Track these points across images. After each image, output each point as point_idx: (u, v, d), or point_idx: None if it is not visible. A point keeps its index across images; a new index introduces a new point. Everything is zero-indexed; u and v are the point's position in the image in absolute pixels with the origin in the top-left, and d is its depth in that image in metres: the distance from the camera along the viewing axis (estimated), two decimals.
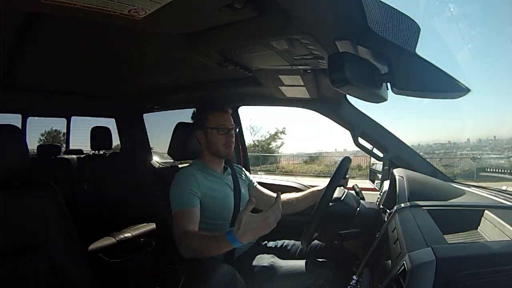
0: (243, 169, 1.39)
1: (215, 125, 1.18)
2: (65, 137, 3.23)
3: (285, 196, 1.31)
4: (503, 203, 0.85)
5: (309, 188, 1.41)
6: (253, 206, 0.84)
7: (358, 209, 1.01)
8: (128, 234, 1.87)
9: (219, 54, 1.09)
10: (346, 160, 1.05)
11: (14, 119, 2.21)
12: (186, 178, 1.12)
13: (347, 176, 1.19)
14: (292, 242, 1.26)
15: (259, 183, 1.40)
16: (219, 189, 1.18)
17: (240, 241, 0.83)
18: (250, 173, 1.43)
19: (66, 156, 2.18)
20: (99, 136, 2.24)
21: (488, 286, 0.46)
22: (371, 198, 1.21)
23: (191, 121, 1.28)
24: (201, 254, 0.93)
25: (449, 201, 0.87)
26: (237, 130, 1.26)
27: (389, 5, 0.67)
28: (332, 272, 1.04)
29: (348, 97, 1.31)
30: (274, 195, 1.32)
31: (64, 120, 3.02)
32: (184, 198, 1.07)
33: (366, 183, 1.87)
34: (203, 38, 0.95)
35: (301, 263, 1.07)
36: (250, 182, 1.35)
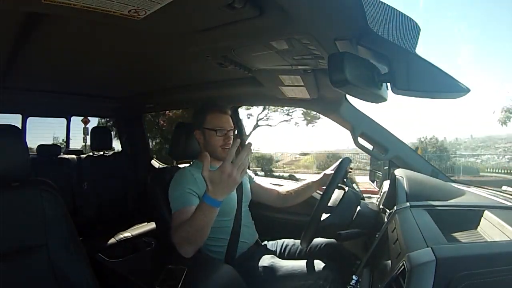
0: None
1: (213, 126, 1.17)
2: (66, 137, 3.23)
3: (284, 189, 1.34)
4: (503, 203, 0.85)
5: None
6: (208, 162, 0.85)
7: (358, 209, 1.01)
8: (128, 234, 1.87)
9: (219, 54, 1.09)
10: (346, 161, 1.05)
11: (14, 119, 2.20)
12: (185, 177, 1.12)
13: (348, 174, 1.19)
14: (292, 242, 1.26)
15: None
16: None
17: (216, 199, 0.84)
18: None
19: (66, 156, 2.18)
20: (99, 136, 2.24)
21: (488, 286, 0.46)
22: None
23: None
24: (192, 237, 0.90)
25: (449, 201, 0.87)
26: (236, 131, 1.25)
27: (389, 5, 0.67)
28: (332, 272, 1.04)
29: (348, 97, 1.31)
30: (274, 187, 1.35)
31: None
32: (182, 198, 1.07)
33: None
34: (203, 38, 0.95)
35: (301, 263, 1.07)
36: (250, 178, 1.36)
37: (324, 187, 1.06)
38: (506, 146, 12.27)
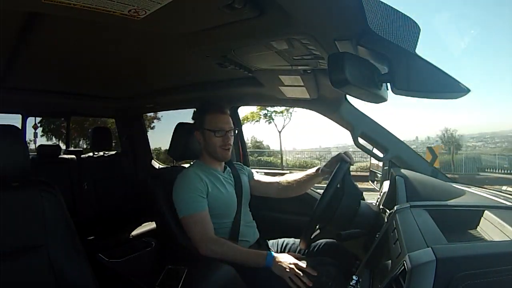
0: (243, 165, 1.40)
1: (212, 127, 1.17)
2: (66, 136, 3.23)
3: (285, 179, 1.32)
4: (503, 203, 0.85)
5: None
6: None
7: (358, 209, 1.01)
8: (128, 234, 1.87)
9: (219, 54, 1.09)
10: (344, 165, 1.04)
11: (14, 119, 2.20)
12: (193, 179, 1.13)
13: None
14: (292, 240, 1.26)
15: None
16: (222, 188, 1.18)
17: (273, 264, 1.02)
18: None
19: (66, 156, 2.18)
20: (99, 136, 2.24)
21: (488, 286, 0.46)
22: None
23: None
24: (225, 259, 1.02)
25: (449, 201, 0.87)
26: (236, 131, 1.25)
27: (389, 5, 0.67)
28: (335, 269, 1.04)
29: (348, 97, 1.31)
30: (273, 179, 1.35)
31: None
32: (194, 203, 1.10)
33: None
34: (203, 38, 0.95)
35: (302, 261, 1.07)
36: (250, 175, 1.36)
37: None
38: (477, 145, 12.47)
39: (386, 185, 1.11)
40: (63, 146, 2.70)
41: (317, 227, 1.06)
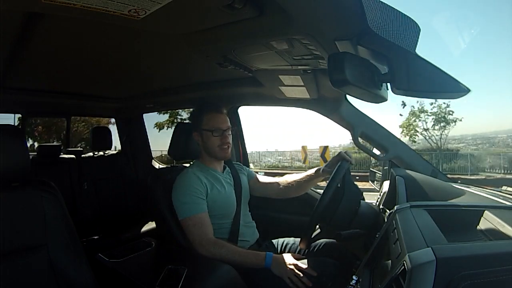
0: (243, 166, 1.39)
1: (209, 127, 1.18)
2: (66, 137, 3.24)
3: (285, 180, 1.32)
4: (503, 203, 0.85)
5: None
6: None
7: (358, 209, 1.01)
8: (128, 234, 1.87)
9: (219, 54, 1.09)
10: (344, 164, 1.04)
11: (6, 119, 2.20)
12: (192, 181, 1.13)
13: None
14: (292, 240, 1.26)
15: None
16: (221, 189, 1.18)
17: (272, 264, 1.03)
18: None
19: (66, 156, 2.18)
20: (99, 136, 2.24)
21: (488, 286, 0.46)
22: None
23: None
24: (224, 260, 1.02)
25: (449, 201, 0.87)
26: (235, 130, 1.25)
27: (389, 5, 0.67)
28: (335, 269, 1.04)
29: (348, 97, 1.31)
30: (274, 180, 1.35)
31: None
32: (194, 204, 1.10)
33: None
34: (203, 38, 0.95)
35: (303, 261, 1.07)
36: (250, 175, 1.36)
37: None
38: (459, 146, 12.53)
39: (386, 185, 1.11)
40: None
41: (317, 227, 1.06)
